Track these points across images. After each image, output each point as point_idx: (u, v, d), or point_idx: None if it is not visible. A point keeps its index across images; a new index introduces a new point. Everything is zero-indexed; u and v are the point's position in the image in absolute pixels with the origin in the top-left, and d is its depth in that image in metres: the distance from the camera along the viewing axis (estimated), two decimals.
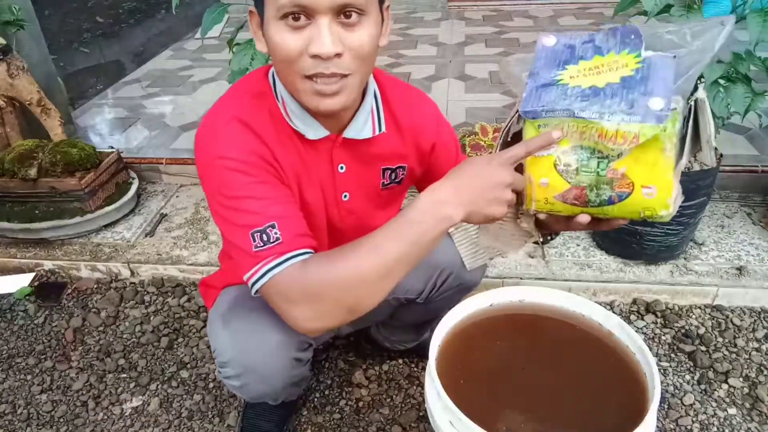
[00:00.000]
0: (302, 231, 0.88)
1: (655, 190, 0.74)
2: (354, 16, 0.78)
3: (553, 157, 0.77)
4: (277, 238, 0.83)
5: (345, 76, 0.82)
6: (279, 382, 1.07)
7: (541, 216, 0.84)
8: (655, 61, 0.73)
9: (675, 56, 0.73)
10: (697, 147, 0.76)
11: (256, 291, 0.87)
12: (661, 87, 0.71)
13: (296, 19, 0.77)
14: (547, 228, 0.91)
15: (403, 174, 1.08)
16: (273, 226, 0.84)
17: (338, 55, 0.79)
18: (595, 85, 0.74)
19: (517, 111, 0.81)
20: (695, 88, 0.74)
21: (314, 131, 0.93)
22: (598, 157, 0.75)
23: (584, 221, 0.80)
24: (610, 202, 0.77)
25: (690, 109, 0.74)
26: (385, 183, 1.07)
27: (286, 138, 0.93)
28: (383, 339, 1.49)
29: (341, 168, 1.00)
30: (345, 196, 1.04)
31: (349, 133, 0.96)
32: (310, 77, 0.81)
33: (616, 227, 0.84)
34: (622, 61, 0.75)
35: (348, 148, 0.98)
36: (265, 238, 0.84)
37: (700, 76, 0.75)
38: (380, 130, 0.98)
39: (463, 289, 1.24)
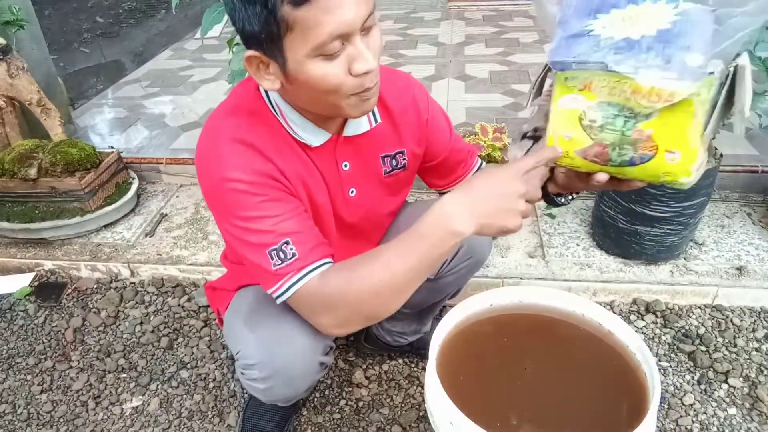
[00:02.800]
0: (316, 242, 0.90)
1: (678, 155, 0.72)
2: (370, 20, 0.79)
3: (579, 111, 0.75)
4: (294, 254, 0.87)
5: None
6: (303, 386, 1.08)
7: (561, 170, 0.82)
8: (693, 14, 0.68)
9: (714, 10, 0.68)
10: (727, 115, 0.73)
11: (282, 302, 0.91)
12: (699, 43, 0.67)
13: (333, 50, 0.77)
14: (566, 188, 0.91)
15: (404, 159, 1.09)
16: (287, 243, 0.87)
17: None
18: (629, 36, 0.70)
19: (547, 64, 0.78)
20: (737, 55, 0.69)
21: (317, 138, 0.95)
22: (626, 116, 0.72)
23: (602, 180, 0.80)
24: (631, 163, 0.75)
25: (728, 76, 0.69)
26: (387, 170, 1.08)
27: (288, 148, 0.94)
28: (384, 333, 1.49)
29: (345, 166, 1.02)
30: (352, 192, 1.06)
31: (349, 130, 0.98)
32: (354, 93, 0.82)
33: (634, 188, 0.83)
34: (658, 11, 0.70)
35: (349, 145, 1.01)
36: (282, 255, 0.87)
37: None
38: (376, 121, 1.01)
39: (473, 264, 1.24)
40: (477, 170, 1.19)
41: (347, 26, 0.75)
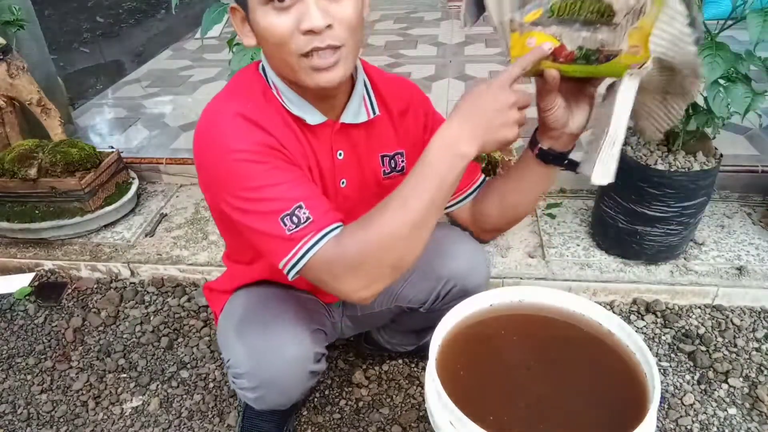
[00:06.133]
0: (327, 206, 0.88)
1: (641, 49, 0.74)
2: None
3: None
4: (308, 218, 0.84)
5: (338, 47, 0.83)
6: (294, 394, 1.08)
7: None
8: None
9: None
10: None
11: (295, 273, 0.87)
12: None
13: (282, 0, 0.79)
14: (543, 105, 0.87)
15: (402, 162, 1.08)
16: (300, 207, 0.84)
17: (329, 26, 0.80)
18: None
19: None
20: None
21: (312, 116, 0.94)
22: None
23: (555, 76, 0.80)
24: (598, 62, 0.76)
25: None
26: (386, 171, 1.07)
27: (287, 128, 0.93)
28: (384, 342, 1.50)
29: (340, 154, 1.01)
30: (342, 182, 1.04)
31: (346, 117, 0.97)
32: (305, 55, 0.82)
33: (590, 92, 0.85)
34: None
35: (345, 134, 0.99)
36: (295, 220, 0.84)
37: None
38: (374, 113, 1.00)
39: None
40: (479, 186, 1.14)
41: None
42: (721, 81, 1.39)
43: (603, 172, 0.80)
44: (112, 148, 2.26)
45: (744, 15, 1.30)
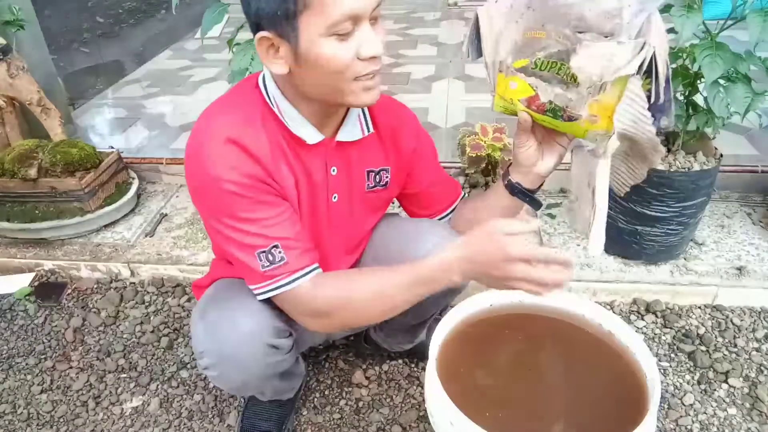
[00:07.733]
0: (304, 248, 0.94)
1: (599, 119, 0.84)
2: (378, 11, 0.85)
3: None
4: (282, 258, 0.91)
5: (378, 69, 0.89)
6: (255, 370, 1.05)
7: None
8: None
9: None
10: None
11: (264, 298, 0.96)
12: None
13: (345, 30, 0.81)
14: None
15: (387, 177, 1.12)
16: (276, 247, 0.90)
17: None
18: None
19: None
20: None
21: (312, 136, 0.96)
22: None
23: (526, 119, 0.93)
24: (562, 118, 0.87)
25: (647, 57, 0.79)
26: (370, 185, 1.11)
27: (281, 148, 0.95)
28: (381, 341, 1.50)
29: (333, 170, 1.04)
30: (334, 197, 1.07)
31: (342, 136, 1.00)
32: (356, 78, 0.86)
33: (560, 147, 0.97)
34: None
35: (340, 152, 1.03)
36: (270, 258, 0.90)
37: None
38: (368, 131, 1.04)
39: (448, 291, 1.18)
40: (458, 203, 1.21)
41: (361, 8, 0.80)
42: (721, 81, 1.39)
43: (596, 242, 0.94)
44: (112, 148, 2.25)
45: (744, 15, 1.30)
